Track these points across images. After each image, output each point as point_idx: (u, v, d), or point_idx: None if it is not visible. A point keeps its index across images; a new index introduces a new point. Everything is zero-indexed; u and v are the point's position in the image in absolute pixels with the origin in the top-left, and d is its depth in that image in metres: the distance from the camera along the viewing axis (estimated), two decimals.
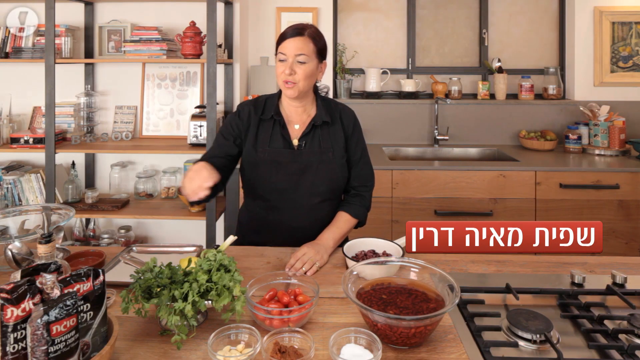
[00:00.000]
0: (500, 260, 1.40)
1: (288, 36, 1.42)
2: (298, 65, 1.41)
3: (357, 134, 1.58)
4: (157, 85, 2.91)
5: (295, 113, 1.53)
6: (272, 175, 1.46)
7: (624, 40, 3.12)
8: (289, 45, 1.41)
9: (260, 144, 1.49)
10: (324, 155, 1.48)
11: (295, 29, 1.43)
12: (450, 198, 2.56)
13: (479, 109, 3.16)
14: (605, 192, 2.51)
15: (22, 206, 1.39)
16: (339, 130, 1.54)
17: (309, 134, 1.50)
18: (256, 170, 1.48)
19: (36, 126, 2.89)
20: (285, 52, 1.41)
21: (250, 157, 1.49)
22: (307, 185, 1.47)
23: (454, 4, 3.36)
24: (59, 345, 0.78)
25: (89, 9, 2.91)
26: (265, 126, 1.51)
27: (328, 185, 1.50)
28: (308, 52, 1.42)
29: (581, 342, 0.99)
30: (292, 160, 1.47)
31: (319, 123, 1.50)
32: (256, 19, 3.17)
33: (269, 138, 1.49)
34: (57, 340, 0.77)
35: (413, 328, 0.92)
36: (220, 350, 0.92)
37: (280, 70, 1.43)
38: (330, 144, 1.50)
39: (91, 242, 2.87)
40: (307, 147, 1.49)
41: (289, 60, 1.41)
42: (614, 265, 1.37)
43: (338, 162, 1.50)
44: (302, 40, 1.41)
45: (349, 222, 1.52)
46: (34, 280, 0.83)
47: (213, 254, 1.05)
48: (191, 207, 2.55)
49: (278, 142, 1.49)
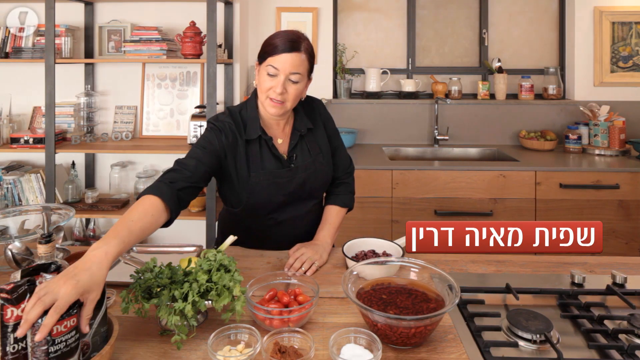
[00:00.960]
0: (500, 260, 1.40)
1: (283, 49, 1.27)
2: (289, 84, 1.29)
3: (332, 123, 1.54)
4: (157, 85, 2.91)
5: (277, 126, 1.42)
6: (271, 197, 1.38)
7: (624, 40, 3.12)
8: (284, 60, 1.27)
9: (252, 167, 1.36)
10: (317, 163, 1.44)
11: (291, 41, 1.28)
12: (450, 198, 2.56)
13: (479, 109, 3.16)
14: (605, 192, 2.51)
15: (22, 206, 1.39)
16: (322, 131, 1.50)
17: (297, 146, 1.42)
18: (255, 194, 1.36)
19: (36, 126, 2.89)
20: (277, 66, 1.27)
21: (243, 181, 1.36)
22: (305, 194, 1.45)
23: (454, 4, 3.36)
24: (59, 345, 0.78)
25: (89, 9, 2.91)
26: (252, 147, 1.37)
27: (322, 187, 1.50)
28: (302, 71, 1.30)
29: (581, 342, 0.99)
30: (290, 179, 1.39)
31: (304, 132, 1.43)
32: (256, 19, 3.17)
33: (260, 160, 1.37)
34: (57, 340, 0.77)
35: (413, 328, 0.92)
36: (220, 350, 0.92)
37: (267, 86, 1.29)
38: (318, 148, 1.46)
39: (91, 242, 2.87)
40: (300, 160, 1.42)
41: (281, 77, 1.27)
42: (614, 265, 1.37)
43: (328, 162, 1.48)
44: (299, 57, 1.28)
45: (340, 214, 1.52)
46: (34, 281, 0.83)
47: (213, 254, 1.05)
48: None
49: (270, 162, 1.38)
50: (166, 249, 1.44)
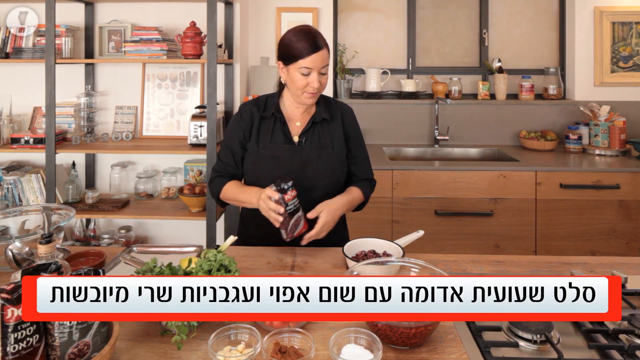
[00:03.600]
0: (499, 261, 1.40)
1: (310, 51, 1.41)
2: (321, 77, 1.45)
3: (358, 130, 1.64)
4: (157, 85, 2.91)
5: (298, 112, 1.56)
6: (273, 170, 1.48)
7: (624, 40, 3.12)
8: (313, 60, 1.42)
9: (261, 140, 1.53)
10: (323, 151, 1.52)
11: (313, 41, 1.42)
12: (450, 198, 2.56)
13: (479, 109, 3.16)
14: (606, 192, 2.51)
15: (23, 206, 1.39)
16: (339, 127, 1.58)
17: (309, 130, 1.54)
18: (257, 166, 1.51)
19: (36, 126, 2.89)
20: (310, 66, 1.42)
21: (252, 154, 1.53)
22: (307, 180, 1.49)
23: (454, 4, 3.36)
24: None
25: (89, 9, 2.91)
26: (266, 123, 1.55)
27: (328, 179, 1.52)
28: (328, 61, 1.47)
29: (581, 342, 0.99)
30: (293, 156, 1.50)
31: (319, 120, 1.55)
32: (256, 19, 3.17)
33: (270, 134, 1.53)
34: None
35: (413, 328, 0.92)
36: (221, 351, 0.92)
37: (302, 83, 1.44)
38: (330, 140, 1.55)
39: (91, 242, 2.87)
40: (307, 143, 1.53)
41: (314, 74, 1.43)
42: (614, 265, 1.37)
43: (338, 158, 1.54)
44: (324, 53, 1.44)
45: (359, 198, 1.57)
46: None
47: (213, 254, 1.05)
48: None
49: (279, 138, 1.53)
50: (166, 249, 1.45)
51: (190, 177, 2.85)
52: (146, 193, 2.80)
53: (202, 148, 2.55)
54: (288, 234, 1.34)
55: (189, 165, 2.86)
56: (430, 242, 2.53)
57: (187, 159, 2.91)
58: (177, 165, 2.93)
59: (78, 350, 0.84)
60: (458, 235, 2.56)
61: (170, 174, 2.86)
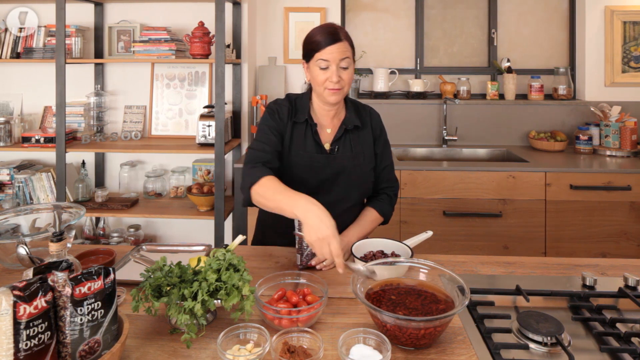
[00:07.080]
0: (510, 262, 1.39)
1: (327, 43, 1.36)
2: (342, 72, 1.38)
3: (385, 137, 1.59)
4: (165, 85, 2.93)
5: (327, 116, 1.50)
6: (305, 179, 1.43)
7: (635, 40, 3.08)
8: (330, 51, 1.36)
9: (294, 147, 1.45)
10: (356, 160, 1.47)
11: (331, 33, 1.36)
12: (459, 199, 2.55)
13: (488, 110, 3.14)
14: (617, 194, 2.48)
15: (34, 205, 1.41)
16: (369, 134, 1.53)
17: (341, 138, 1.48)
18: (289, 174, 1.43)
19: (47, 126, 2.92)
20: (327, 58, 1.36)
21: (284, 160, 1.45)
22: (339, 190, 1.46)
23: (462, 4, 3.34)
24: None
25: (98, 9, 2.94)
26: (298, 129, 1.47)
27: (359, 190, 1.49)
28: (349, 55, 1.39)
29: (593, 345, 0.98)
30: (326, 165, 1.44)
31: (350, 127, 1.49)
32: (264, 19, 3.18)
33: (303, 142, 1.46)
34: None
35: (422, 329, 0.92)
36: (230, 350, 0.92)
37: (322, 78, 1.38)
38: (361, 149, 1.50)
39: (101, 240, 2.89)
40: (340, 152, 1.47)
41: (332, 67, 1.37)
42: (626, 267, 1.35)
43: (368, 167, 1.50)
44: (343, 45, 1.37)
45: (375, 222, 1.53)
46: (46, 278, 0.83)
47: (222, 254, 1.05)
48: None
49: (311, 146, 1.46)
50: (175, 248, 1.45)
51: (198, 176, 2.87)
52: (155, 192, 2.82)
53: (210, 147, 2.56)
54: (302, 260, 1.34)
55: (197, 165, 2.87)
56: (438, 242, 2.52)
57: (195, 158, 2.92)
58: (186, 165, 2.95)
59: (89, 347, 0.84)
60: (467, 236, 2.55)
61: (179, 173, 2.88)
